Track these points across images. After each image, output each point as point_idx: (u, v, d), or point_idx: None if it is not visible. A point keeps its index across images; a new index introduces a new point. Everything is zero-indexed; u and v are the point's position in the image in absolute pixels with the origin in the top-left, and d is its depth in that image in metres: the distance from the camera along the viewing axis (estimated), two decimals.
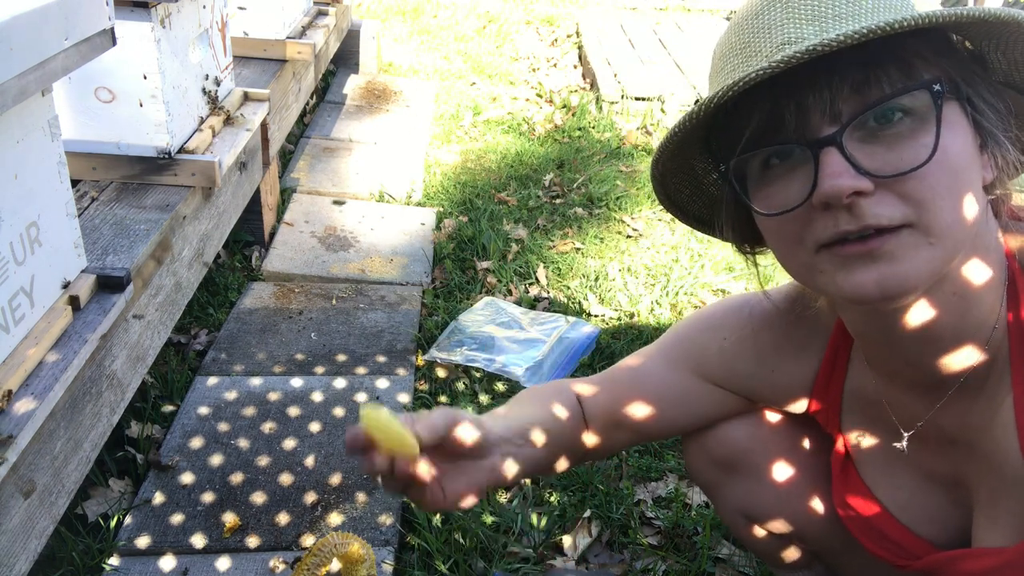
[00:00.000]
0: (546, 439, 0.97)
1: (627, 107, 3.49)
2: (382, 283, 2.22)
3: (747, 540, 1.16)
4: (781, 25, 0.66)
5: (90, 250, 1.39)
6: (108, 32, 1.22)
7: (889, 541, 0.91)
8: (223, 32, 1.91)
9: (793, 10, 0.66)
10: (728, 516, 1.15)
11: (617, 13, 4.94)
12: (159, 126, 1.60)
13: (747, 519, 1.12)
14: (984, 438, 0.77)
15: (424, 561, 1.41)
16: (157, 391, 1.74)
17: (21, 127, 1.09)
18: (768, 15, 0.67)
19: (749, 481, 1.07)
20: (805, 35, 0.64)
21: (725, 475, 1.09)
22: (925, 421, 0.83)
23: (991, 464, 0.76)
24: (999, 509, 0.76)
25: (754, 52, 0.67)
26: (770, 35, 0.66)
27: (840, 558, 1.09)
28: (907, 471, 0.89)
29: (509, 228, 2.50)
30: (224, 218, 1.91)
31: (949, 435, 0.81)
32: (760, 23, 0.68)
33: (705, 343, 1.01)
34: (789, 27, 0.65)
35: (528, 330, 2.01)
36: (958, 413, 0.79)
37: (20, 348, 1.11)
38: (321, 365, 1.87)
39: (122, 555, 1.36)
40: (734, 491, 1.10)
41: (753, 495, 1.08)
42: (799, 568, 1.18)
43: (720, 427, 1.06)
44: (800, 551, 1.15)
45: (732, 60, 0.70)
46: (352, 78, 3.65)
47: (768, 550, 1.16)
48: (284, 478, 1.54)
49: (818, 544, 1.09)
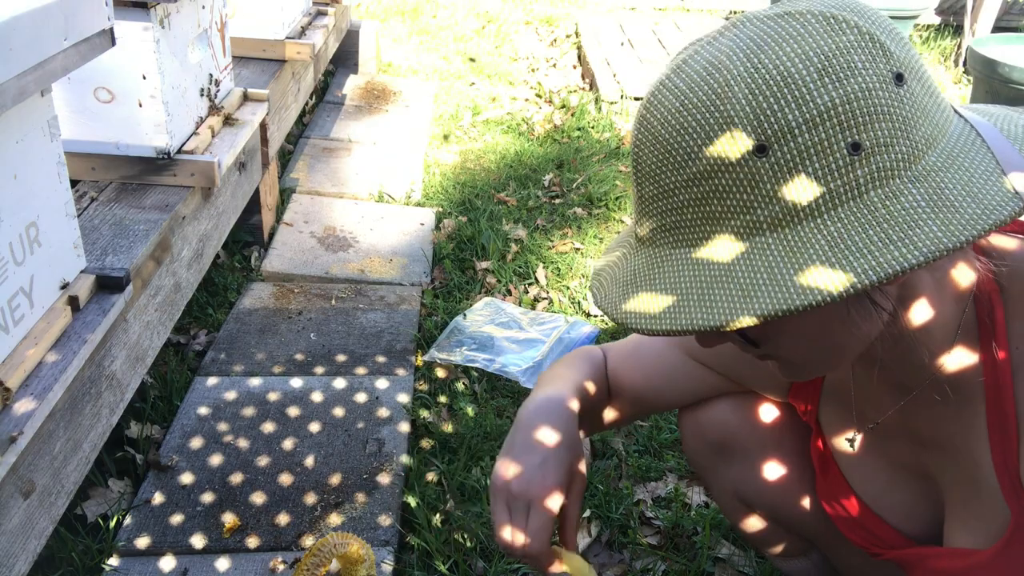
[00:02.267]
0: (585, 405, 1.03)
1: (626, 107, 3.49)
2: (382, 283, 2.22)
3: (742, 526, 1.17)
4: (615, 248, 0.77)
5: (89, 250, 1.39)
6: (107, 32, 1.22)
7: (863, 530, 0.92)
8: (222, 32, 1.91)
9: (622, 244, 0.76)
10: (723, 500, 1.16)
11: (616, 13, 4.94)
12: (158, 126, 1.60)
13: (741, 503, 1.13)
14: (956, 445, 0.77)
15: (424, 561, 1.41)
16: (156, 391, 1.74)
17: (20, 127, 1.09)
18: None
19: (743, 464, 1.09)
20: (613, 296, 0.71)
21: (720, 458, 1.11)
22: (890, 419, 0.84)
23: (963, 469, 0.77)
24: (970, 512, 0.77)
25: (610, 250, 0.79)
26: (609, 252, 0.77)
27: (834, 545, 1.09)
28: (880, 464, 0.90)
29: (508, 228, 2.50)
30: (223, 218, 1.91)
31: (920, 436, 0.82)
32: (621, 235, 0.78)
33: None
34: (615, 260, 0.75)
35: (528, 330, 2.01)
36: (929, 417, 0.80)
37: (19, 348, 1.11)
38: (321, 365, 1.87)
39: (122, 555, 1.36)
40: (728, 474, 1.11)
41: (747, 478, 1.09)
42: (794, 556, 1.19)
43: (715, 410, 1.08)
44: (795, 538, 1.15)
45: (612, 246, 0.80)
46: (351, 78, 3.65)
47: (763, 537, 1.17)
48: (284, 478, 1.54)
49: (810, 530, 1.10)
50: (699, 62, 0.62)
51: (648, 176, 0.66)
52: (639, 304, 0.67)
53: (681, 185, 0.63)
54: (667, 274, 0.66)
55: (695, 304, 0.63)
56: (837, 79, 0.58)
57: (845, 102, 0.57)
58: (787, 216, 0.60)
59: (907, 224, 0.57)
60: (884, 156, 0.58)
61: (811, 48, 0.58)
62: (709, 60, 0.62)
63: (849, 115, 0.58)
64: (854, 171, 0.58)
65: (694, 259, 0.64)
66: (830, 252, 0.58)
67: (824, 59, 0.58)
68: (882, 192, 0.58)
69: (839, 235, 0.58)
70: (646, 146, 0.65)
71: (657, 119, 0.63)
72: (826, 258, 0.58)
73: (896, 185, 0.59)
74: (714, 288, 0.62)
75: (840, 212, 0.59)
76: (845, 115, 0.58)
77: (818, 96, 0.57)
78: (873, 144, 0.58)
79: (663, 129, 0.63)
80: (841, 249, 0.58)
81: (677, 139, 0.62)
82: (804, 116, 0.58)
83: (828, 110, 0.57)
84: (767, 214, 0.60)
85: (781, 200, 0.59)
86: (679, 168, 0.62)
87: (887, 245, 0.57)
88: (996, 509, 0.73)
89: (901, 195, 0.58)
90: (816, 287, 0.57)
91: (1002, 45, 3.35)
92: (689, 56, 0.64)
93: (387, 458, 1.60)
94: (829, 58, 0.58)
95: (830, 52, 0.58)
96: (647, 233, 0.69)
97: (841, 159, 0.58)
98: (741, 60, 0.60)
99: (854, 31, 0.59)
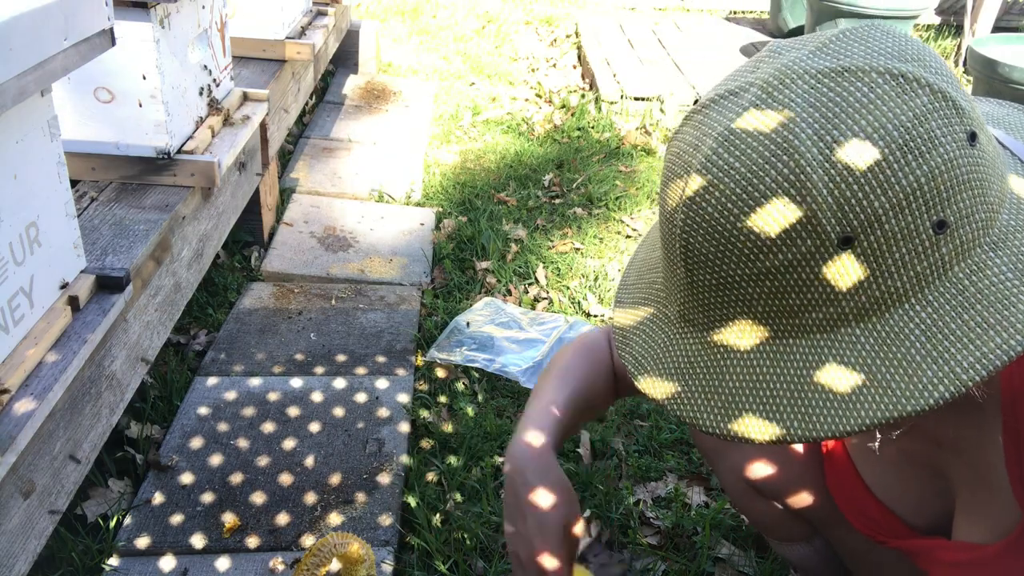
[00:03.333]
0: (584, 415, 1.04)
1: (626, 107, 3.49)
2: (381, 283, 2.22)
3: (747, 511, 1.17)
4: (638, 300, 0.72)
5: (89, 250, 1.39)
6: (107, 32, 1.22)
7: (870, 519, 0.93)
8: (222, 32, 1.91)
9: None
10: (729, 483, 1.15)
11: (616, 13, 4.94)
12: (158, 126, 1.60)
13: (748, 486, 1.13)
14: (971, 447, 0.77)
15: (424, 561, 1.41)
16: (156, 391, 1.74)
17: (20, 127, 1.09)
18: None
19: (750, 448, 1.08)
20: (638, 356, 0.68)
21: (726, 441, 1.10)
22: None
23: (976, 471, 0.77)
24: (980, 510, 0.78)
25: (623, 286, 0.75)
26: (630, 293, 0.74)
27: (838, 530, 1.10)
28: (891, 456, 0.90)
29: (508, 228, 2.50)
30: (223, 218, 1.91)
31: (935, 436, 0.82)
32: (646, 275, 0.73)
33: None
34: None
35: (528, 330, 2.01)
36: (945, 419, 0.79)
37: (19, 348, 1.11)
38: (321, 365, 1.87)
39: (121, 555, 1.36)
40: (734, 456, 1.11)
41: (753, 462, 1.09)
42: (797, 541, 1.19)
43: None
44: (799, 523, 1.15)
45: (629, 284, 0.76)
46: (351, 78, 3.65)
47: (767, 521, 1.17)
48: (284, 478, 1.54)
49: (815, 515, 1.10)
50: (756, 137, 0.55)
51: (703, 264, 0.59)
52: (710, 403, 0.62)
53: (749, 279, 0.57)
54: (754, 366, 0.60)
55: (791, 415, 0.57)
56: (919, 154, 0.53)
57: (930, 179, 0.53)
58: (874, 305, 0.56)
59: (1000, 303, 0.54)
60: (967, 228, 0.55)
61: (888, 120, 0.53)
62: (769, 136, 0.54)
63: (934, 192, 0.53)
64: (939, 249, 0.55)
65: (771, 351, 0.59)
66: (929, 345, 0.54)
67: (904, 132, 0.53)
68: (966, 266, 0.55)
69: (932, 323, 0.55)
70: (700, 233, 0.58)
71: (714, 206, 0.56)
72: (926, 352, 0.54)
73: (979, 256, 0.56)
74: (805, 393, 0.57)
75: (928, 294, 0.55)
76: (930, 192, 0.53)
77: (903, 177, 0.53)
78: (958, 218, 0.54)
79: (723, 219, 0.56)
80: (940, 340, 0.54)
81: (744, 231, 0.55)
82: (891, 201, 0.53)
83: (915, 191, 0.53)
84: (852, 305, 0.56)
85: (867, 290, 0.55)
86: (747, 262, 0.56)
87: (986, 331, 0.54)
88: (1006, 509, 0.73)
89: (986, 267, 0.55)
90: (923, 389, 0.54)
91: (1002, 45, 3.35)
92: (737, 127, 0.56)
93: (387, 458, 1.60)
94: (908, 130, 0.53)
95: (908, 123, 0.53)
96: (701, 319, 0.62)
97: (928, 239, 0.54)
98: (811, 138, 0.53)
99: (926, 91, 0.54)
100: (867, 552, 1.07)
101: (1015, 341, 0.53)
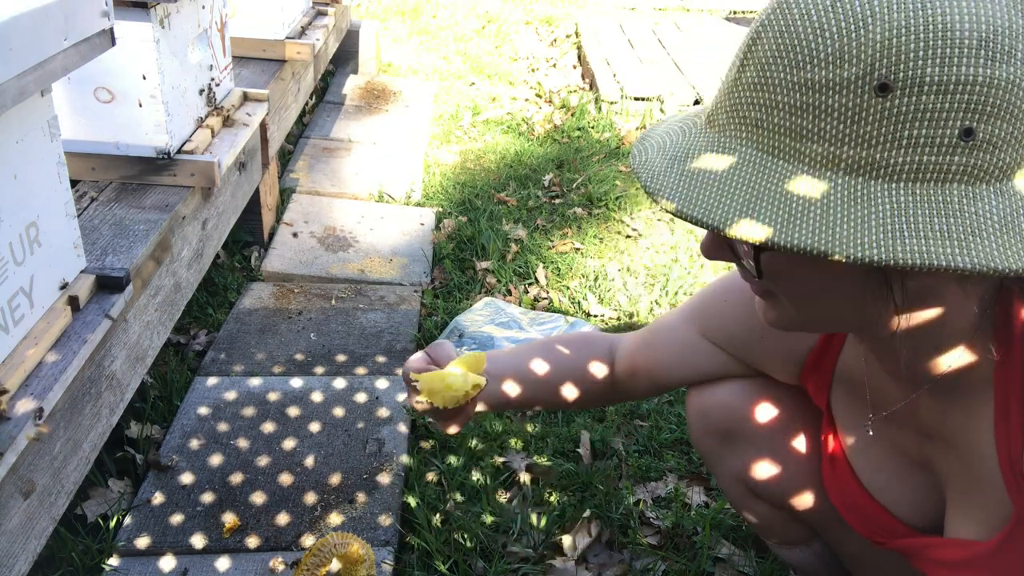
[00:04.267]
0: (549, 368, 1.10)
1: (626, 107, 3.49)
2: (381, 283, 2.22)
3: (746, 513, 1.17)
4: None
5: (89, 250, 1.39)
6: (107, 32, 1.22)
7: (867, 519, 0.93)
8: (222, 32, 1.91)
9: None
10: (728, 486, 1.16)
11: (616, 13, 4.94)
12: (158, 126, 1.60)
13: (746, 489, 1.12)
14: (961, 438, 0.77)
15: (424, 561, 1.41)
16: (156, 391, 1.74)
17: (20, 127, 1.09)
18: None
19: (748, 450, 1.09)
20: (655, 165, 0.68)
21: (725, 444, 1.11)
22: (898, 409, 0.84)
23: (966, 463, 0.78)
24: (972, 505, 0.78)
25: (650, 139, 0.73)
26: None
27: (837, 533, 1.10)
28: (886, 454, 0.90)
29: (508, 228, 2.50)
30: (223, 218, 1.91)
31: (926, 428, 0.83)
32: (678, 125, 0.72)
33: (711, 303, 1.05)
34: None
35: (527, 330, 2.01)
36: (936, 411, 0.80)
37: (19, 348, 1.11)
38: (321, 365, 1.87)
39: (122, 555, 1.36)
40: (733, 460, 1.11)
41: (752, 465, 1.09)
42: (796, 544, 1.19)
43: (721, 396, 1.08)
44: (798, 526, 1.15)
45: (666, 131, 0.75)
46: (351, 78, 3.65)
47: (766, 524, 1.17)
48: (284, 478, 1.54)
49: (814, 518, 1.10)
50: None
51: (757, 61, 0.61)
52: (676, 180, 0.64)
53: (787, 85, 0.59)
54: (722, 162, 0.63)
55: (736, 203, 0.60)
56: (991, 57, 0.54)
57: (986, 84, 0.54)
58: (868, 166, 0.57)
59: (971, 231, 0.56)
60: (986, 156, 0.56)
61: (985, 14, 0.54)
62: None
63: (981, 98, 0.54)
64: (953, 155, 0.56)
65: (755, 161, 0.61)
66: (889, 220, 0.56)
67: (991, 31, 0.54)
68: (965, 189, 0.56)
69: (905, 207, 0.56)
70: (772, 29, 0.60)
71: (801, 6, 0.58)
72: (882, 223, 0.56)
73: (981, 190, 0.57)
74: (761, 198, 0.60)
75: (918, 187, 0.56)
76: (978, 96, 0.54)
77: (965, 65, 0.54)
78: (985, 138, 0.55)
79: (801, 19, 0.58)
80: (901, 222, 0.56)
81: (810, 36, 0.57)
82: (941, 77, 0.54)
83: (966, 84, 0.54)
84: (852, 155, 0.57)
85: (873, 148, 0.56)
86: (795, 67, 0.58)
87: (942, 239, 0.55)
88: (998, 502, 0.73)
89: (980, 201, 0.56)
90: (857, 243, 0.56)
91: None
92: None
93: (387, 458, 1.60)
94: (996, 32, 0.54)
95: (1000, 27, 0.54)
96: (723, 118, 0.65)
97: (950, 137, 0.55)
98: None
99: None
100: (867, 554, 1.07)
101: (961, 261, 0.55)
